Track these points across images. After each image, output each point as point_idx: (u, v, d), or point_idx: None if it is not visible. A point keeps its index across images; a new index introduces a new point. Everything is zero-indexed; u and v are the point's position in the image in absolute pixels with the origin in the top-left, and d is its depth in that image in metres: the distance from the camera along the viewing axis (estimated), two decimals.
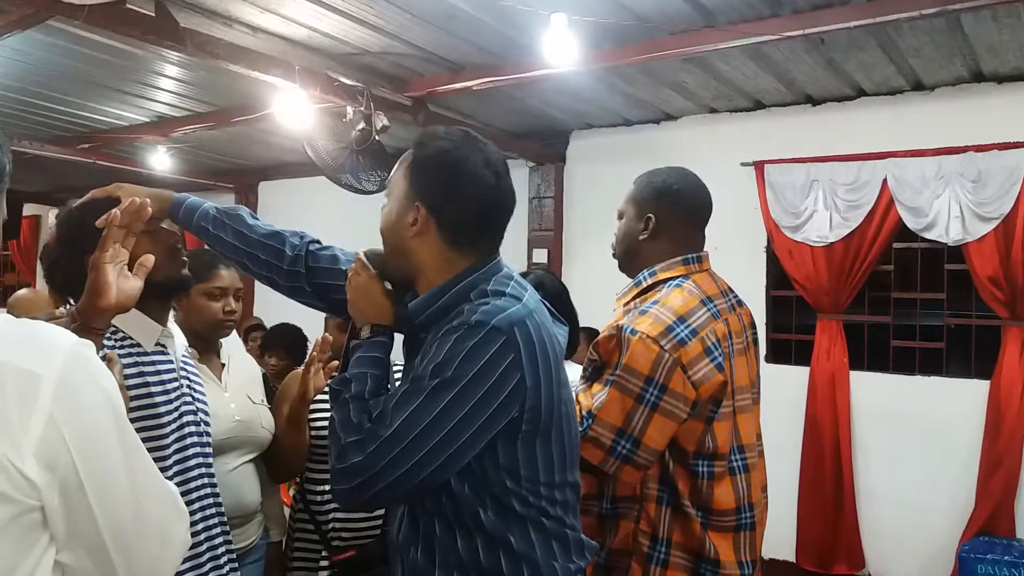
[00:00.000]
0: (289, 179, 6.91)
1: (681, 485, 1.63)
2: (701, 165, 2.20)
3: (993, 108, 4.00)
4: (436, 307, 1.31)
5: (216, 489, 1.67)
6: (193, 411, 1.63)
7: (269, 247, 1.53)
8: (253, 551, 2.05)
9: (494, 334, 1.22)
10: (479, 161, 1.32)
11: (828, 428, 4.35)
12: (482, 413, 1.20)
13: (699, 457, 1.62)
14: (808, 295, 4.46)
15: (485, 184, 1.32)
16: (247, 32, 3.48)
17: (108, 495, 0.84)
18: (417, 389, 1.21)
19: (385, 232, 1.37)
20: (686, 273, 1.73)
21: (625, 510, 1.66)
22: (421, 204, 1.30)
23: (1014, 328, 3.95)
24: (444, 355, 1.21)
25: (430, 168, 1.32)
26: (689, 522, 1.62)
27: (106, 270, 1.19)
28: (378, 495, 1.21)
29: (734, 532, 1.64)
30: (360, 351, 1.33)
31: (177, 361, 1.63)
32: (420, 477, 1.19)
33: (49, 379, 0.79)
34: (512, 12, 3.13)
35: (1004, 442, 3.89)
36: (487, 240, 1.37)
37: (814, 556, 4.38)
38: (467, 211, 1.31)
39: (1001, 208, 3.91)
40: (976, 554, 3.71)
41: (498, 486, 1.26)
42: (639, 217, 1.78)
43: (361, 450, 1.20)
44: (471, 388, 1.20)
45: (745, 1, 3.09)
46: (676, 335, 1.58)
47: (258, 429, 2.03)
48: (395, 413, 1.21)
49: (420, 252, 1.33)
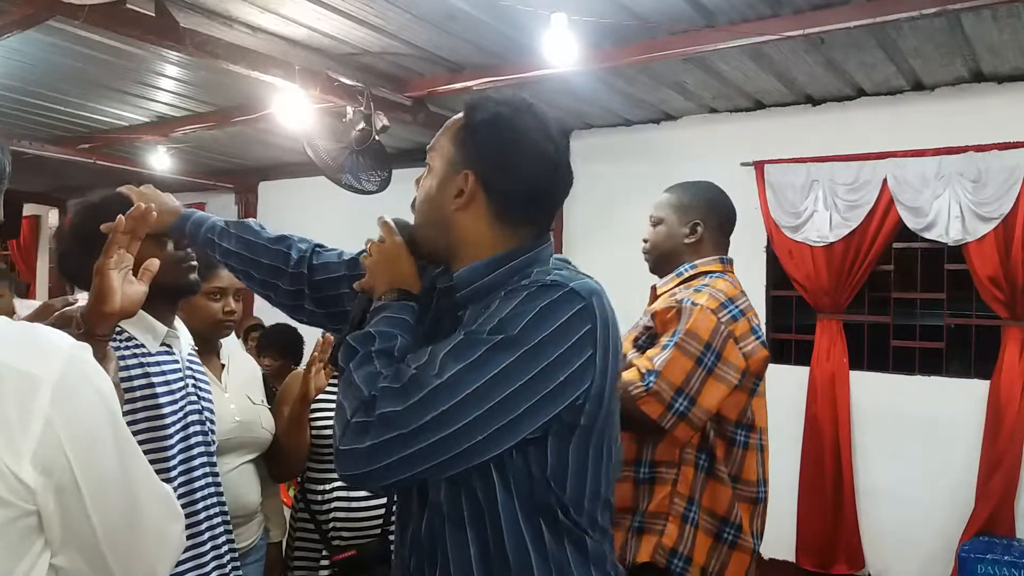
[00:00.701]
0: (289, 179, 6.91)
1: (719, 452, 1.79)
2: (701, 165, 2.27)
3: (993, 108, 4.00)
4: (483, 282, 1.15)
5: (220, 488, 1.67)
6: (198, 410, 1.63)
7: (275, 251, 1.44)
8: (253, 551, 2.05)
9: (572, 297, 1.06)
10: (539, 129, 1.17)
11: (828, 428, 4.35)
12: (546, 384, 1.02)
13: (739, 427, 1.81)
14: (808, 295, 4.46)
15: (544, 155, 1.16)
16: (247, 32, 3.48)
17: (104, 498, 0.83)
18: (472, 342, 1.02)
19: (423, 203, 1.22)
20: (722, 270, 1.96)
21: (663, 474, 1.80)
22: (471, 172, 1.15)
23: (1014, 328, 3.95)
24: (509, 312, 1.04)
25: (484, 132, 1.16)
26: (723, 487, 1.78)
27: (111, 276, 1.18)
28: (404, 461, 0.99)
29: (752, 504, 1.83)
30: (386, 311, 1.15)
31: (183, 361, 1.63)
32: (465, 446, 0.99)
33: (47, 382, 0.78)
34: (512, 12, 3.13)
35: (1004, 442, 3.89)
36: (540, 219, 1.21)
37: (814, 555, 4.38)
38: (522, 183, 1.15)
39: (1001, 208, 3.91)
40: (976, 554, 3.71)
41: (541, 489, 1.08)
42: (684, 223, 1.99)
43: (402, 399, 0.99)
44: (538, 352, 1.02)
45: (745, 1, 3.09)
46: (729, 311, 1.80)
47: (258, 430, 2.03)
48: (446, 361, 1.01)
49: (464, 226, 1.17)
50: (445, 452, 0.99)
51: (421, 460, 0.99)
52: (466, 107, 1.21)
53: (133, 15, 2.97)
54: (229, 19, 3.37)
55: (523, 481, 1.07)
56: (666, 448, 1.79)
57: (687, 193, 2.04)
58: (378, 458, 0.99)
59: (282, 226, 1.58)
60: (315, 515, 2.21)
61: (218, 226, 1.48)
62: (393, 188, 4.38)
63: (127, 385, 1.44)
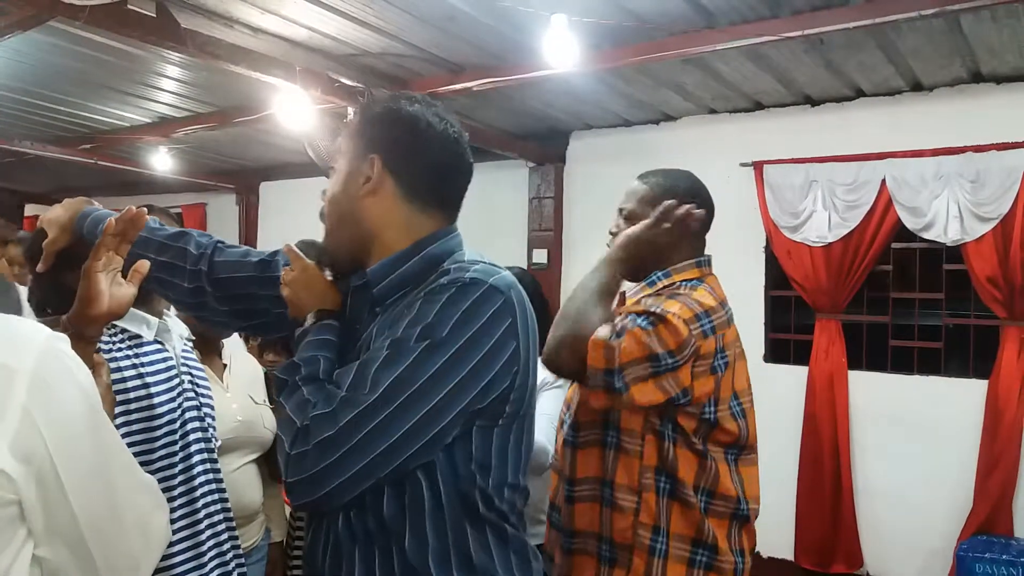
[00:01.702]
0: (290, 179, 6.92)
1: (681, 472, 1.61)
2: (700, 165, 2.21)
3: (992, 109, 4.01)
4: (399, 273, 1.16)
5: (222, 485, 1.66)
6: (196, 406, 1.62)
7: (173, 249, 1.39)
8: (255, 551, 2.06)
9: (493, 294, 1.08)
10: (432, 112, 1.20)
11: (827, 428, 4.36)
12: (477, 382, 1.05)
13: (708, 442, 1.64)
14: (807, 295, 4.47)
15: (443, 133, 1.19)
16: (248, 33, 3.49)
17: (83, 486, 0.84)
18: (402, 351, 1.03)
19: (331, 204, 1.22)
20: (700, 276, 1.75)
21: (622, 501, 1.64)
22: (376, 156, 1.17)
23: (1012, 328, 3.96)
24: (434, 315, 1.05)
25: (381, 118, 1.20)
26: (689, 509, 1.62)
27: (98, 279, 1.17)
28: (351, 481, 1.00)
29: (730, 520, 1.66)
30: (309, 336, 1.16)
31: (177, 357, 1.62)
32: (405, 455, 1.01)
33: (23, 373, 0.79)
34: (512, 13, 3.14)
35: (1002, 441, 3.90)
36: (449, 202, 1.22)
37: (813, 555, 4.39)
38: (425, 158, 1.18)
39: (999, 208, 3.92)
40: (974, 553, 3.72)
41: (466, 482, 1.09)
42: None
43: (333, 422, 0.99)
44: (467, 352, 1.04)
45: (745, 2, 3.10)
46: (702, 325, 1.59)
47: (260, 429, 2.04)
48: (377, 376, 1.02)
49: (375, 212, 1.17)
50: (391, 460, 1.01)
51: (369, 473, 1.00)
52: (359, 107, 1.24)
53: (134, 16, 2.97)
54: (230, 20, 3.38)
55: (448, 476, 1.08)
56: (625, 470, 1.62)
57: (665, 186, 1.80)
58: (324, 483, 0.99)
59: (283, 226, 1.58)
60: None
61: (108, 222, 1.39)
62: None
63: (120, 386, 1.42)
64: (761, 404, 1.88)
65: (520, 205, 5.56)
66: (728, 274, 1.93)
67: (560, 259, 5.42)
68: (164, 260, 1.38)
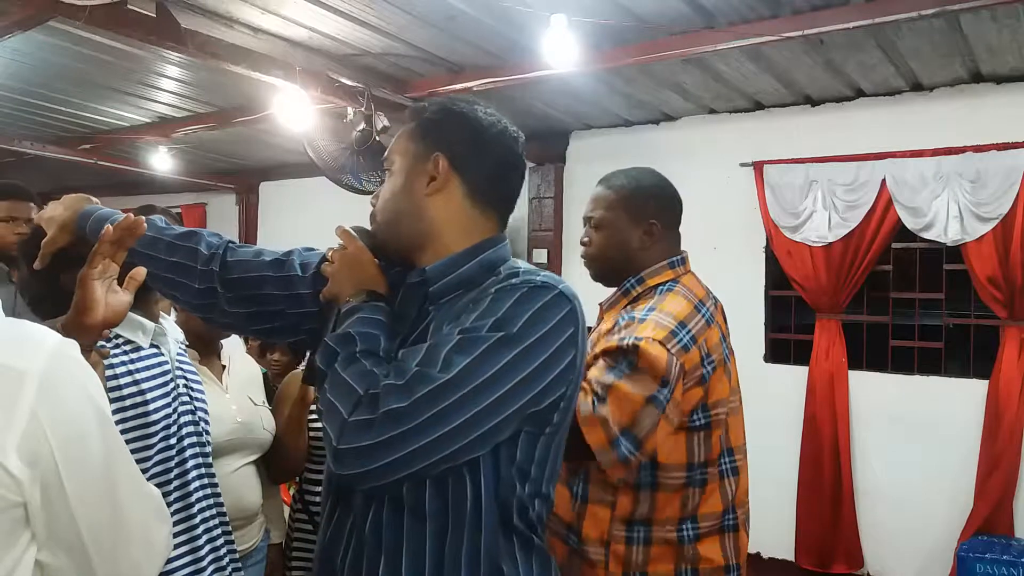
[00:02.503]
0: (290, 179, 6.92)
1: (657, 513, 1.57)
2: (700, 166, 2.21)
3: (992, 109, 4.00)
4: (457, 274, 1.16)
5: (217, 489, 1.66)
6: (191, 411, 1.61)
7: (182, 248, 1.34)
8: (254, 553, 2.05)
9: (561, 299, 1.08)
10: (491, 114, 1.23)
11: (827, 428, 4.36)
12: (539, 382, 1.04)
13: (691, 468, 1.60)
14: (807, 295, 4.46)
15: (504, 132, 1.22)
16: (248, 33, 3.49)
17: (87, 494, 0.83)
18: (474, 340, 1.02)
19: (390, 200, 1.22)
20: (674, 277, 1.70)
21: (592, 554, 1.60)
22: (442, 155, 1.18)
23: (1012, 328, 3.96)
24: (505, 311, 1.05)
25: (445, 119, 1.21)
26: (666, 547, 1.58)
27: (94, 287, 1.16)
28: (407, 457, 0.97)
29: (719, 533, 1.63)
30: (360, 313, 1.13)
31: (172, 361, 1.61)
32: (463, 441, 1.00)
33: (32, 376, 0.79)
34: (512, 13, 3.14)
35: (1003, 442, 3.90)
36: (506, 202, 1.25)
37: (813, 555, 4.39)
38: (490, 157, 1.20)
39: (1000, 208, 3.92)
40: (975, 553, 3.71)
41: (507, 487, 1.09)
42: (636, 223, 1.71)
43: (408, 394, 0.98)
44: (536, 350, 1.04)
45: (745, 2, 3.10)
46: (680, 340, 1.53)
47: (259, 430, 2.03)
48: (450, 357, 1.01)
49: (438, 210, 1.18)
50: (449, 446, 0.99)
51: (425, 455, 0.98)
52: (415, 111, 1.25)
53: (134, 16, 2.97)
54: (230, 20, 3.38)
55: (491, 478, 1.08)
56: (592, 523, 1.59)
57: (631, 187, 1.75)
58: (381, 455, 0.97)
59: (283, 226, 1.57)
60: (313, 516, 2.21)
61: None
62: None
63: (115, 393, 1.41)
64: (761, 404, 1.88)
65: (520, 205, 5.54)
66: (728, 274, 1.95)
67: (560, 259, 5.42)
68: (173, 260, 1.34)
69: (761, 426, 4.55)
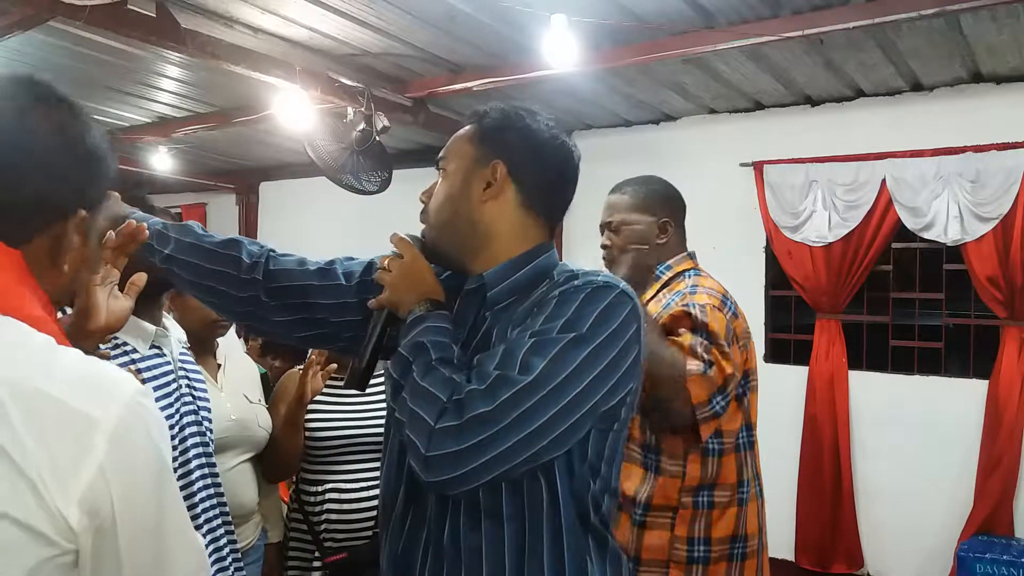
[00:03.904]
0: (290, 179, 6.91)
1: (725, 473, 1.78)
2: (700, 166, 2.26)
3: (992, 109, 4.01)
4: (513, 280, 1.19)
5: (220, 488, 1.66)
6: (194, 410, 1.62)
7: (223, 256, 1.31)
8: (251, 552, 2.05)
9: (624, 298, 1.11)
10: (549, 124, 1.26)
11: (827, 428, 4.36)
12: (611, 378, 1.07)
13: (715, 436, 1.77)
14: (807, 295, 4.47)
15: (562, 144, 1.25)
16: (248, 33, 3.49)
17: (137, 546, 0.81)
18: (547, 341, 1.05)
19: (445, 203, 1.22)
20: (694, 266, 1.92)
21: (656, 518, 1.78)
22: (500, 162, 1.20)
23: (1012, 328, 3.96)
24: (573, 311, 1.07)
25: (506, 126, 1.24)
26: (726, 509, 1.77)
27: (95, 292, 1.16)
28: (494, 460, 0.99)
29: (757, 500, 1.85)
30: (427, 322, 1.13)
31: (175, 362, 1.62)
32: (545, 441, 1.02)
33: (105, 426, 0.77)
34: (512, 13, 3.14)
35: (1003, 441, 3.91)
36: (557, 212, 1.27)
37: (813, 555, 4.40)
38: (547, 168, 1.23)
39: (999, 208, 3.92)
40: (975, 553, 3.72)
41: (580, 484, 1.11)
42: (654, 223, 1.91)
43: (491, 398, 1.00)
44: (605, 349, 1.06)
45: (744, 2, 3.10)
46: (729, 307, 1.78)
47: (255, 429, 2.03)
48: (527, 360, 1.03)
49: (494, 216, 1.20)
50: (533, 446, 1.01)
51: (512, 456, 1.00)
52: (477, 114, 1.27)
53: (134, 16, 2.98)
54: (230, 20, 3.39)
55: (565, 476, 1.10)
56: (662, 490, 1.77)
57: (644, 191, 1.94)
58: (471, 459, 0.99)
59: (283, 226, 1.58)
60: (308, 516, 2.21)
61: (155, 229, 1.31)
62: (393, 188, 4.39)
63: None
64: (761, 404, 1.93)
65: None
66: (728, 274, 2.03)
67: (560, 259, 5.41)
68: (214, 268, 1.31)
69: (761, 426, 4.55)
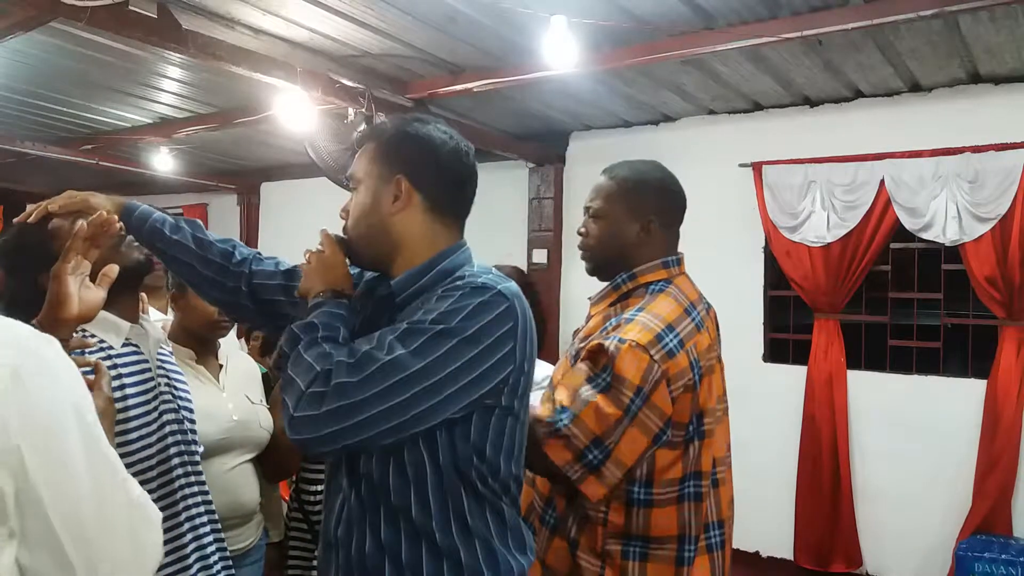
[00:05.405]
0: (291, 180, 6.93)
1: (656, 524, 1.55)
2: (700, 166, 2.21)
3: (990, 109, 4.02)
4: (419, 285, 1.31)
5: (205, 487, 1.65)
6: (174, 409, 1.61)
7: (222, 250, 1.57)
8: (252, 552, 2.05)
9: (499, 298, 1.23)
10: (441, 129, 1.36)
11: (826, 427, 4.37)
12: (475, 369, 1.19)
13: (688, 479, 1.56)
14: (806, 295, 4.48)
15: (455, 148, 1.35)
16: (249, 34, 3.50)
17: (64, 493, 0.81)
18: (417, 331, 1.19)
19: (361, 218, 1.36)
20: (667, 277, 1.66)
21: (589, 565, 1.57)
22: (403, 177, 1.32)
23: (1011, 328, 3.97)
24: (447, 307, 1.20)
25: (403, 142, 1.35)
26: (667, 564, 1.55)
27: (67, 281, 1.18)
28: (353, 427, 1.12)
29: (708, 554, 1.59)
30: (324, 307, 1.29)
31: (153, 360, 1.61)
32: (405, 417, 1.15)
33: (2, 370, 0.77)
34: (512, 14, 3.15)
35: (1001, 441, 3.91)
36: (463, 210, 1.39)
37: (812, 554, 4.40)
38: (446, 173, 1.34)
39: (998, 209, 3.93)
40: (973, 552, 3.73)
41: (464, 461, 1.23)
42: (634, 218, 1.67)
43: (357, 371, 1.14)
44: (471, 342, 1.19)
45: (744, 3, 3.11)
46: (665, 345, 1.50)
47: (256, 429, 2.04)
48: (394, 344, 1.17)
49: (403, 227, 1.33)
50: (388, 421, 1.14)
51: (367, 427, 1.13)
52: (371, 133, 1.40)
53: (135, 17, 2.98)
54: (231, 21, 3.40)
55: (448, 454, 1.22)
56: (588, 538, 1.56)
57: (634, 180, 1.70)
58: (330, 424, 1.13)
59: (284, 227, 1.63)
60: (308, 515, 2.22)
61: (168, 220, 1.57)
62: None
63: None
64: (760, 404, 1.89)
65: (520, 205, 5.57)
66: (727, 274, 1.95)
67: (560, 259, 5.43)
68: (215, 260, 1.55)
69: (760, 426, 4.57)
